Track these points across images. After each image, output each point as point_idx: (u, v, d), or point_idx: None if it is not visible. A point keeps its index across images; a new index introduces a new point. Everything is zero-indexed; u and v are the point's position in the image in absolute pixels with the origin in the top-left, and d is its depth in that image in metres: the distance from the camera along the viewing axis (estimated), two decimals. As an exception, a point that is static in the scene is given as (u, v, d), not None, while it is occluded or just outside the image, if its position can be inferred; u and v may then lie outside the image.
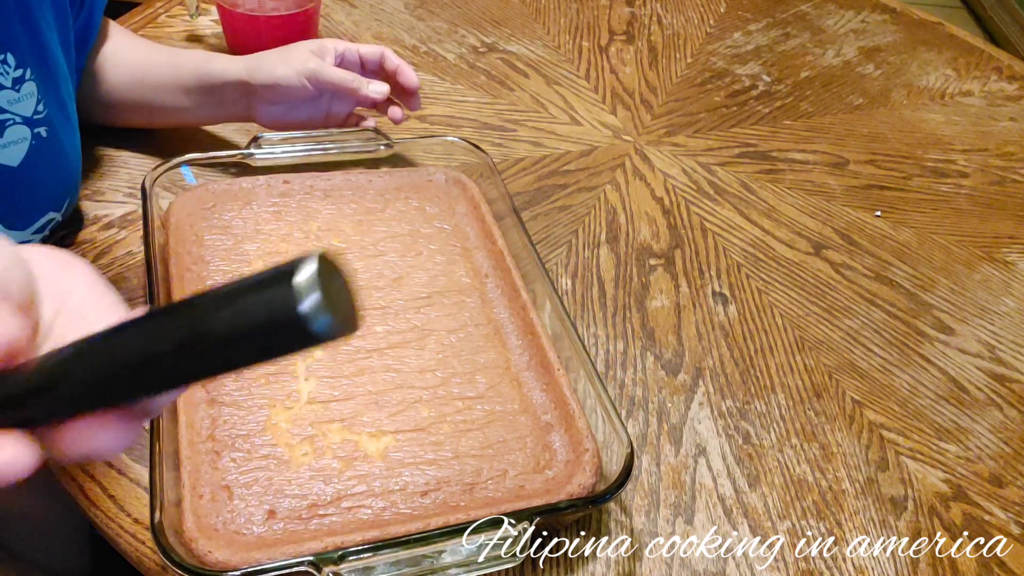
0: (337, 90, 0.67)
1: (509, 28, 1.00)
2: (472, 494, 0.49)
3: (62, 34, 0.60)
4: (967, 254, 0.78)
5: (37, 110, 0.57)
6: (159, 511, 0.43)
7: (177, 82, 0.68)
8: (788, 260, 0.75)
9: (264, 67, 0.66)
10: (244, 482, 0.47)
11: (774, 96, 0.96)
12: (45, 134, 0.58)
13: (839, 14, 1.14)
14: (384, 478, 0.48)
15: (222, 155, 0.66)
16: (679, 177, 0.82)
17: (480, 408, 0.53)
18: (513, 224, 0.64)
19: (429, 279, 0.61)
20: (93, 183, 0.69)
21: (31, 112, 0.56)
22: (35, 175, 0.58)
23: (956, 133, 0.95)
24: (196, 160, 0.64)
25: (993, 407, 0.65)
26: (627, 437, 0.49)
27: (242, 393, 0.51)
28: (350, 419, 0.51)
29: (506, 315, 0.59)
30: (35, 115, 0.57)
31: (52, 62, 0.58)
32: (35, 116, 0.57)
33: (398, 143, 0.70)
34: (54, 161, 0.59)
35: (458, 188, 0.69)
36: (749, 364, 0.64)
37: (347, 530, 0.45)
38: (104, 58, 0.68)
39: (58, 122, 0.59)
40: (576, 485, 0.49)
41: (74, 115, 0.62)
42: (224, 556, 0.43)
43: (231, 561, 0.43)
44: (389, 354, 0.55)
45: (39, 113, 0.57)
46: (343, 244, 0.62)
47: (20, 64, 0.55)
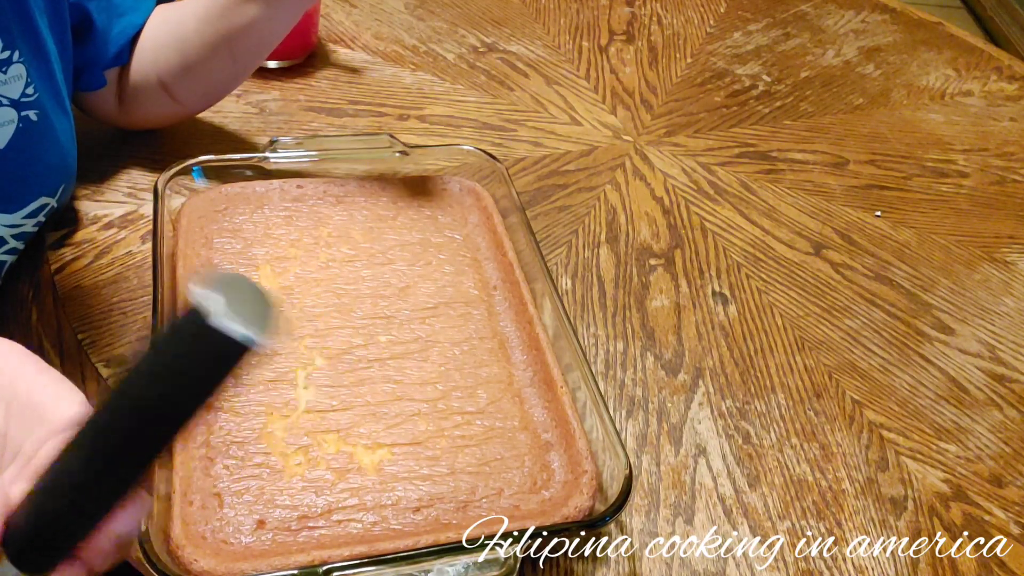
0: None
1: (509, 28, 1.00)
2: (465, 512, 0.48)
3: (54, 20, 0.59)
4: (967, 254, 0.78)
5: (26, 93, 0.56)
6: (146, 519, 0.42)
7: None
8: (788, 260, 0.75)
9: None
10: (235, 490, 0.47)
11: (774, 96, 0.96)
12: (35, 117, 0.57)
13: (839, 14, 1.14)
14: (377, 492, 0.48)
15: (236, 158, 0.65)
16: (679, 177, 0.82)
17: (479, 423, 0.52)
18: (519, 222, 0.64)
19: (436, 289, 0.60)
20: (93, 183, 0.69)
21: (18, 95, 0.56)
22: (24, 159, 0.57)
23: (956, 133, 0.94)
24: (210, 162, 0.64)
25: (993, 407, 0.65)
26: (626, 459, 0.48)
27: (240, 399, 0.51)
28: (346, 430, 0.51)
29: (512, 329, 0.59)
30: (23, 98, 0.56)
31: (43, 46, 0.58)
32: (23, 99, 0.56)
33: (413, 150, 0.70)
34: (45, 145, 0.59)
35: (472, 197, 0.69)
36: (749, 364, 0.64)
37: (336, 544, 0.45)
38: (169, 22, 0.67)
39: (50, 107, 0.59)
40: (572, 508, 0.48)
41: (68, 101, 0.62)
42: (210, 565, 0.43)
43: (216, 571, 0.42)
44: (391, 365, 0.55)
45: (28, 96, 0.56)
46: (352, 251, 0.62)
47: (8, 46, 0.54)
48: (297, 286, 0.58)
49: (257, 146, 0.65)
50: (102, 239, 0.65)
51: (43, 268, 0.62)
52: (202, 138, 0.75)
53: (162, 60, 0.67)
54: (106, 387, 0.54)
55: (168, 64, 0.66)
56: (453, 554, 0.44)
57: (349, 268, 0.60)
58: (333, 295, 0.58)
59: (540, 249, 0.62)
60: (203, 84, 0.69)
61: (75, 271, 0.62)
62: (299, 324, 0.56)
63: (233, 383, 0.27)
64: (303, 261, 0.60)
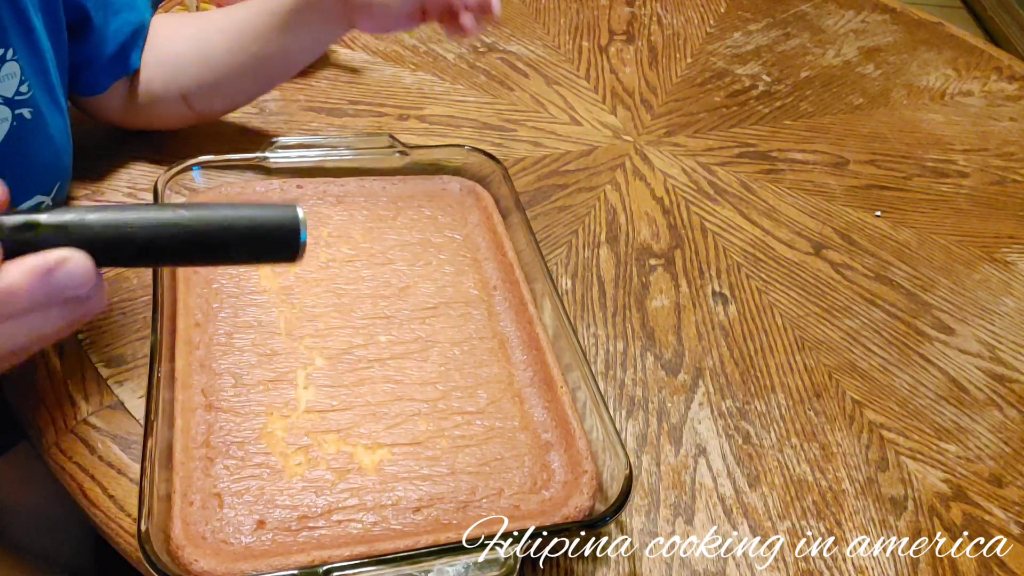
0: (443, 6, 0.65)
1: (509, 28, 1.00)
2: (465, 512, 0.48)
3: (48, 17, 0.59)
4: (967, 254, 0.78)
5: (20, 91, 0.56)
6: (146, 519, 0.43)
7: (275, 20, 0.65)
8: (788, 260, 0.75)
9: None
10: (235, 490, 0.47)
11: (774, 96, 0.96)
12: (29, 116, 0.57)
13: (839, 14, 1.14)
14: (377, 492, 0.48)
15: (236, 158, 0.65)
16: (679, 177, 0.82)
17: (479, 423, 0.52)
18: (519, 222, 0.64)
19: (436, 289, 0.60)
20: (93, 183, 0.69)
21: (12, 93, 0.56)
22: (18, 157, 0.57)
23: (956, 133, 0.95)
24: (210, 162, 0.64)
25: (993, 407, 0.65)
26: (626, 459, 0.48)
27: (240, 399, 0.51)
28: (347, 430, 0.51)
29: (512, 329, 0.59)
30: (17, 96, 0.56)
31: (38, 44, 0.58)
32: (17, 97, 0.56)
33: (413, 150, 0.70)
34: (40, 143, 0.59)
35: (472, 198, 0.68)
36: (749, 364, 0.64)
37: (336, 544, 0.45)
38: (195, 38, 0.68)
39: (44, 105, 0.59)
40: (572, 508, 0.48)
41: (63, 99, 0.62)
42: (210, 566, 0.43)
43: (216, 571, 0.42)
44: (391, 364, 0.55)
45: (22, 94, 0.56)
46: (352, 251, 0.62)
47: (1, 44, 0.54)
48: (297, 286, 0.58)
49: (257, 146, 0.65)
50: (102, 239, 0.64)
51: (43, 268, 0.62)
52: (202, 138, 0.75)
53: (186, 75, 0.68)
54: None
55: (192, 80, 0.68)
56: (453, 554, 0.44)
57: (349, 268, 0.60)
58: (333, 295, 0.58)
59: (540, 249, 0.62)
60: (227, 99, 0.71)
61: (75, 271, 0.62)
62: (299, 324, 0.56)
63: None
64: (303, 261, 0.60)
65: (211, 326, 0.54)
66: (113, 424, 0.53)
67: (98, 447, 0.52)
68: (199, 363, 0.52)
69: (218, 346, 0.53)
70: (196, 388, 0.51)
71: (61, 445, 0.52)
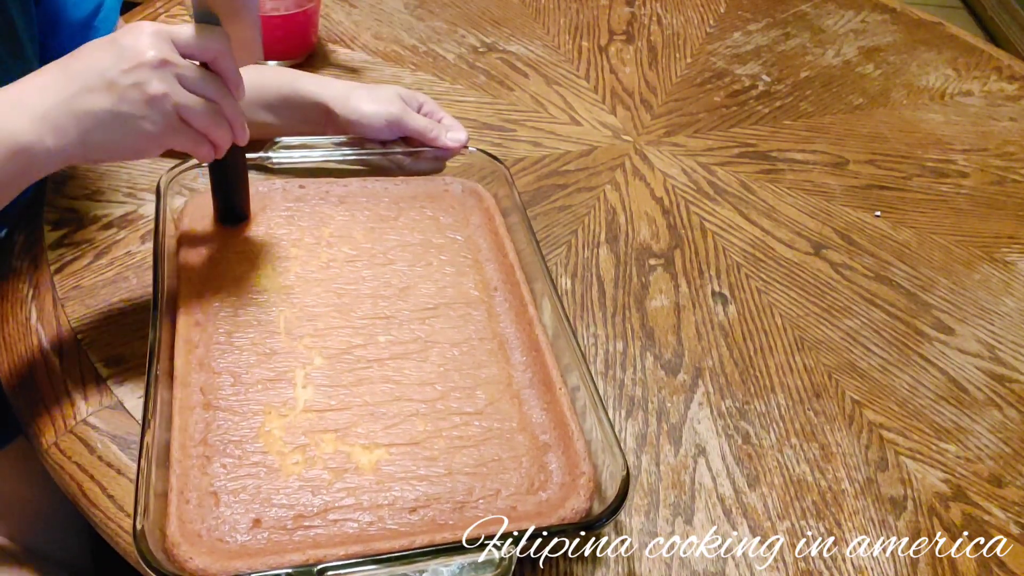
0: (418, 137, 0.69)
1: (509, 28, 1.00)
2: (462, 513, 0.48)
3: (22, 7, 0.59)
4: (967, 254, 0.78)
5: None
6: (142, 517, 0.42)
7: (261, 98, 0.69)
8: (788, 260, 0.75)
9: (351, 101, 0.68)
10: (232, 489, 0.47)
11: (774, 96, 0.96)
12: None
13: (839, 14, 1.14)
14: (374, 492, 0.48)
15: None
16: (679, 177, 0.82)
17: (477, 424, 0.52)
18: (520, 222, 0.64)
19: (437, 290, 0.60)
20: (93, 183, 0.69)
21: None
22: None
23: (956, 133, 0.95)
24: None
25: (993, 407, 0.65)
26: (623, 460, 0.48)
27: (238, 398, 0.51)
28: (344, 430, 0.51)
29: (512, 330, 0.59)
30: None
31: (15, 39, 0.58)
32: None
33: (415, 151, 0.70)
34: None
35: (474, 199, 0.69)
36: (749, 364, 0.64)
37: (331, 543, 0.45)
38: None
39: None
40: (569, 509, 0.48)
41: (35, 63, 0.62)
42: (204, 563, 0.43)
43: (210, 569, 0.42)
44: (390, 365, 0.55)
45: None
46: (353, 251, 0.62)
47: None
48: (298, 286, 0.58)
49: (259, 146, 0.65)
50: (102, 239, 0.65)
51: (43, 268, 0.62)
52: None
53: None
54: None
55: None
56: (448, 554, 0.44)
57: (350, 268, 0.60)
58: (334, 295, 0.58)
59: (540, 249, 0.62)
60: None
61: (75, 271, 0.62)
62: (299, 323, 0.56)
63: None
64: (304, 261, 0.60)
65: (211, 325, 0.54)
66: (112, 424, 0.53)
67: (97, 447, 0.52)
68: (198, 361, 0.52)
69: (217, 345, 0.53)
70: (195, 386, 0.51)
71: (60, 445, 0.52)
